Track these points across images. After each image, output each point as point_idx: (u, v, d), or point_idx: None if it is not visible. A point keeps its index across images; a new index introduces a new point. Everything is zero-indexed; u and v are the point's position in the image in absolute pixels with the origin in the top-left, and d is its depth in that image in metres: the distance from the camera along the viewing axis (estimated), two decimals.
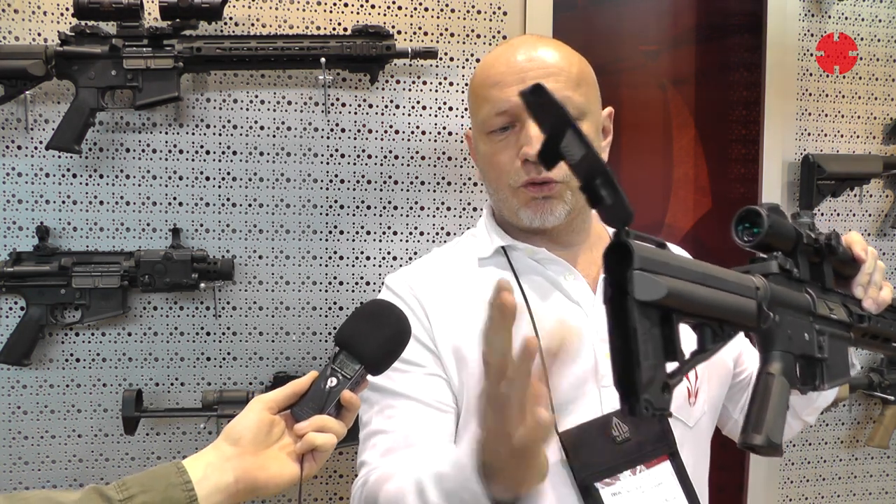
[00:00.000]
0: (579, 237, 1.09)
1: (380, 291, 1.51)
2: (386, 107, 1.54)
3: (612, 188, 0.64)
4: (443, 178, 1.56)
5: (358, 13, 1.51)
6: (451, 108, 1.55)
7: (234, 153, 1.50)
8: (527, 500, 0.93)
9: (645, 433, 0.97)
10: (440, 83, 1.55)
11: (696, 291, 0.69)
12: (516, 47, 1.05)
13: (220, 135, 1.49)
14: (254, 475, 0.82)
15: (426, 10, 1.54)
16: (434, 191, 1.56)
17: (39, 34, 1.42)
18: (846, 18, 1.72)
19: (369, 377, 0.94)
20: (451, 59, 1.55)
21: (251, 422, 0.84)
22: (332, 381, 0.88)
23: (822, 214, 1.75)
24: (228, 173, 1.50)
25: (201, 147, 1.49)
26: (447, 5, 1.54)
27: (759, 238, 0.82)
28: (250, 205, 1.51)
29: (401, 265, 1.56)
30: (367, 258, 1.55)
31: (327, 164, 1.52)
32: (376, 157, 1.54)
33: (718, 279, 0.73)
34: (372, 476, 0.97)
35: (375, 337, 0.90)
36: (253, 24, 1.48)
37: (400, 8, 1.53)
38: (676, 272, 0.67)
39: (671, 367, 0.66)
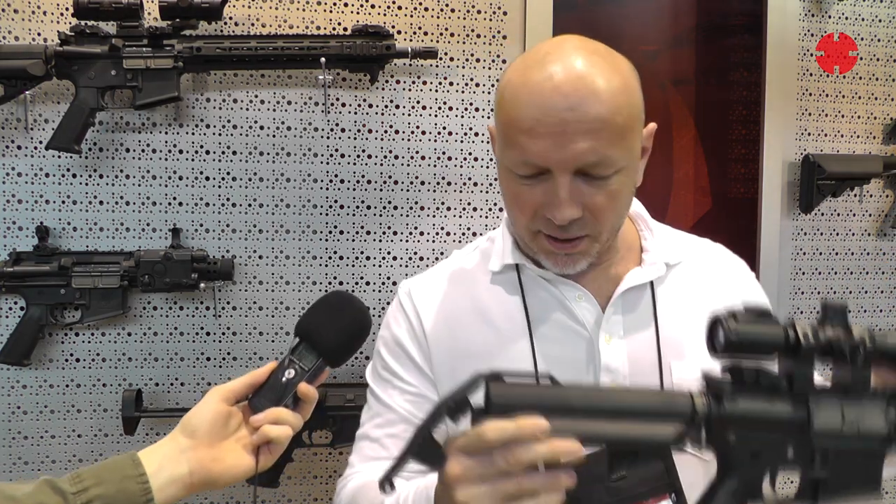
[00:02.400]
0: (603, 258, 1.01)
1: (380, 291, 1.52)
2: (386, 107, 1.53)
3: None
4: (443, 178, 1.56)
5: (358, 13, 1.51)
6: (451, 108, 1.55)
7: (234, 153, 1.50)
8: None
9: (644, 472, 0.91)
10: (440, 83, 1.54)
11: (561, 426, 0.70)
12: (555, 82, 0.87)
13: (219, 135, 1.49)
14: (208, 467, 0.81)
15: (426, 10, 1.54)
16: (434, 191, 1.56)
17: (39, 34, 1.42)
18: (846, 18, 1.72)
19: (376, 379, 0.94)
20: (451, 59, 1.55)
21: (207, 413, 0.83)
22: (290, 373, 0.87)
23: (822, 214, 1.75)
24: (228, 173, 1.50)
25: (201, 147, 1.48)
26: (447, 5, 1.54)
27: (719, 355, 0.76)
28: (250, 205, 1.51)
29: (401, 265, 1.56)
30: (367, 258, 1.55)
31: (327, 163, 1.52)
32: (376, 157, 1.54)
33: (605, 409, 0.73)
34: (350, 482, 0.99)
35: (335, 329, 0.89)
36: (253, 24, 1.48)
37: (400, 8, 1.53)
38: (540, 411, 0.69)
39: None
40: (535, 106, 0.87)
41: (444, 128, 1.55)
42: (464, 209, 1.57)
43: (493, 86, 1.56)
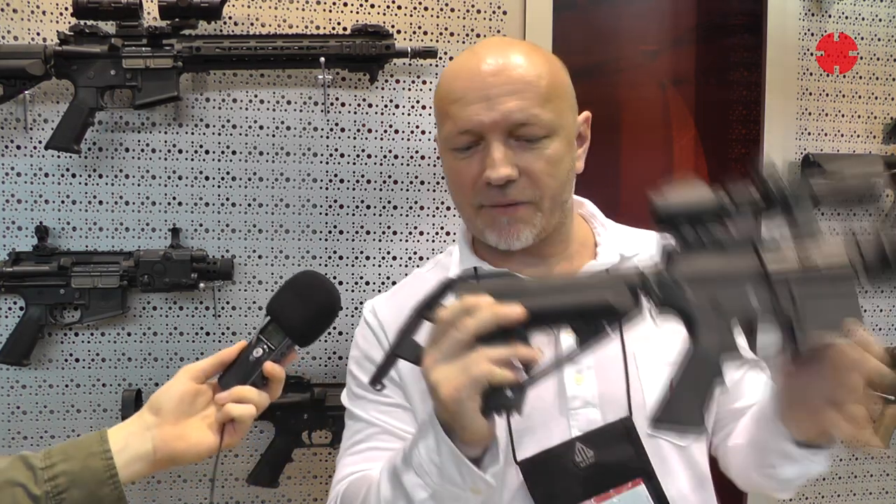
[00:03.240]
0: (555, 248, 1.03)
1: (379, 291, 1.52)
2: (386, 106, 1.53)
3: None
4: (442, 178, 1.56)
5: (357, 13, 1.51)
6: None
7: (234, 153, 1.50)
8: None
9: (613, 457, 0.93)
10: None
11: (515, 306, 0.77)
12: (481, 57, 0.96)
13: (219, 134, 1.49)
14: (172, 445, 0.82)
15: (426, 9, 1.53)
16: (434, 190, 1.56)
17: (38, 34, 1.42)
18: (846, 18, 1.72)
19: (351, 398, 0.93)
20: (451, 59, 1.54)
21: (174, 392, 0.85)
22: (258, 352, 0.87)
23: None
24: (228, 173, 1.49)
25: (201, 147, 1.48)
26: (447, 5, 1.54)
27: (656, 222, 0.80)
28: (250, 205, 1.51)
29: (400, 265, 1.56)
30: (367, 258, 1.55)
31: (327, 163, 1.52)
32: (376, 156, 1.54)
33: (556, 287, 0.81)
34: (342, 487, 0.99)
35: (303, 309, 0.89)
36: (252, 24, 1.48)
37: (400, 7, 1.52)
38: (500, 296, 0.78)
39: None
40: (464, 78, 0.95)
41: None
42: None
43: None
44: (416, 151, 1.55)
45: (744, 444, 0.99)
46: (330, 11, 1.50)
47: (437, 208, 1.56)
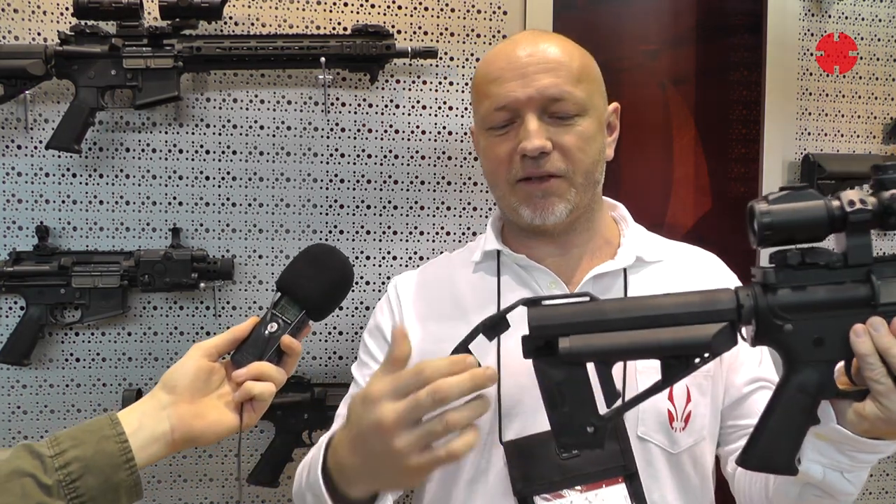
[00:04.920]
0: (581, 238, 1.06)
1: (379, 291, 1.53)
2: (386, 106, 1.53)
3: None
4: (443, 178, 1.56)
5: (358, 13, 1.51)
6: (451, 108, 1.55)
7: (234, 153, 1.50)
8: None
9: (598, 452, 0.91)
10: (440, 83, 1.54)
11: (600, 341, 0.69)
12: (517, 42, 1.03)
13: (219, 134, 1.49)
14: (190, 424, 0.79)
15: (426, 9, 1.54)
16: (434, 191, 1.56)
17: (39, 34, 1.42)
18: (846, 18, 1.72)
19: (358, 366, 0.93)
20: (451, 59, 1.55)
21: (188, 369, 0.80)
22: (273, 327, 0.85)
23: None
24: (228, 173, 1.50)
25: (201, 147, 1.48)
26: (447, 5, 1.54)
27: (761, 241, 0.71)
28: (250, 204, 1.51)
29: (400, 265, 1.56)
30: (368, 258, 1.55)
31: (327, 163, 1.52)
32: (376, 156, 1.54)
33: (641, 315, 0.71)
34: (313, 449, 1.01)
35: (317, 282, 0.87)
36: (253, 24, 1.48)
37: (400, 7, 1.53)
38: (579, 328, 0.70)
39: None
40: (501, 59, 1.02)
41: (444, 128, 1.55)
42: (464, 209, 1.57)
43: None
44: (417, 151, 1.55)
45: (760, 479, 0.97)
46: (330, 11, 1.50)
47: (437, 208, 1.56)
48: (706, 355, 0.70)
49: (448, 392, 0.72)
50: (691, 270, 1.07)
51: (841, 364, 0.73)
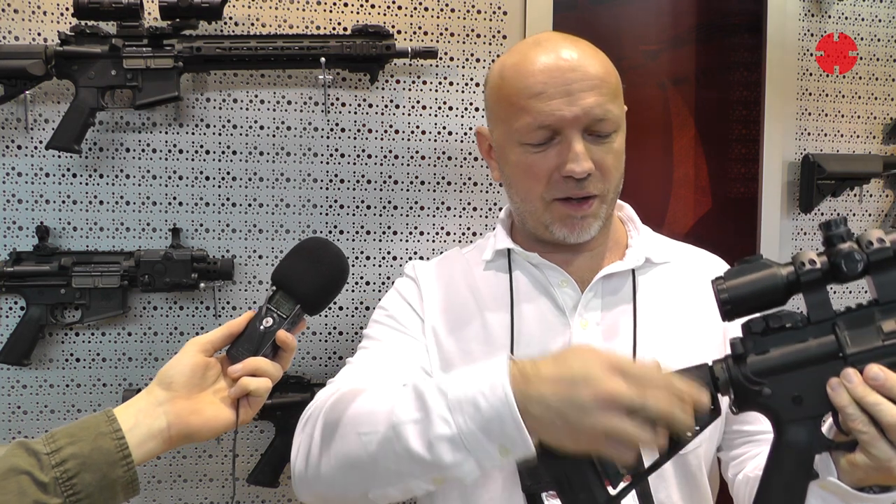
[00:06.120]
0: (594, 241, 1.06)
1: (379, 291, 1.53)
2: (386, 107, 1.53)
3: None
4: (443, 178, 1.56)
5: (358, 13, 1.51)
6: (451, 108, 1.55)
7: (234, 153, 1.50)
8: (474, 499, 0.95)
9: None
10: (440, 83, 1.55)
11: None
12: (552, 51, 0.98)
13: (219, 134, 1.49)
14: (187, 420, 0.79)
15: (426, 9, 1.54)
16: (434, 191, 1.56)
17: (39, 34, 1.42)
18: (846, 18, 1.72)
19: (372, 325, 0.92)
20: (451, 59, 1.55)
21: (184, 365, 0.80)
22: (268, 322, 0.84)
23: (822, 214, 1.75)
24: (228, 173, 1.50)
25: (201, 147, 1.48)
26: (447, 5, 1.54)
27: (725, 315, 0.73)
28: (250, 205, 1.51)
29: (400, 265, 1.56)
30: (368, 258, 1.55)
31: (327, 163, 1.52)
32: (376, 156, 1.54)
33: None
34: (343, 388, 0.95)
35: (312, 275, 0.86)
36: (253, 24, 1.48)
37: (400, 8, 1.53)
38: None
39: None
40: (542, 72, 0.97)
41: (444, 128, 1.55)
42: (464, 209, 1.57)
43: None
44: (417, 151, 1.55)
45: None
46: (330, 12, 1.50)
47: (437, 208, 1.56)
48: (697, 428, 0.72)
49: (675, 425, 0.69)
50: (698, 273, 1.08)
51: (830, 419, 0.75)
